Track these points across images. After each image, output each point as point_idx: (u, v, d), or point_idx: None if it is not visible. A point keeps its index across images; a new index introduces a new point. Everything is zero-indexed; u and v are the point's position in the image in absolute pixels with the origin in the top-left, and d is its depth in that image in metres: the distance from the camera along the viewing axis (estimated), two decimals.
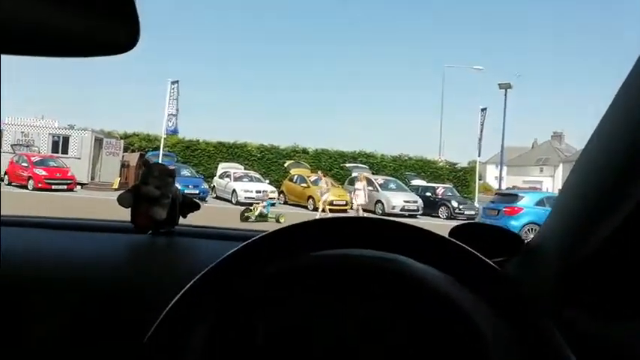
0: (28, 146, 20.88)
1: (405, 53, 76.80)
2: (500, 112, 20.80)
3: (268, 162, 25.57)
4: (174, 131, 21.00)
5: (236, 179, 19.27)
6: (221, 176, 20.35)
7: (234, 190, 18.45)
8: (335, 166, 26.11)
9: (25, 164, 18.53)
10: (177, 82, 20.24)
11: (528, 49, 76.88)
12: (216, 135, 27.75)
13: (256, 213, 11.80)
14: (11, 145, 20.71)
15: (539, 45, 79.00)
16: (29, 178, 18.05)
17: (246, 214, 11.49)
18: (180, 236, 1.11)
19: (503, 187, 24.51)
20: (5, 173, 18.92)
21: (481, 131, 22.15)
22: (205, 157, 25.10)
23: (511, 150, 49.89)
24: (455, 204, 19.23)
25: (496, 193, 15.82)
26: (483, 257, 0.57)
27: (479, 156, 23.32)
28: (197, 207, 1.17)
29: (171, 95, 19.96)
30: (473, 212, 19.38)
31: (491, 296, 0.54)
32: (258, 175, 20.89)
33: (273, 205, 14.23)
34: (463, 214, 18.90)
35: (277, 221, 12.27)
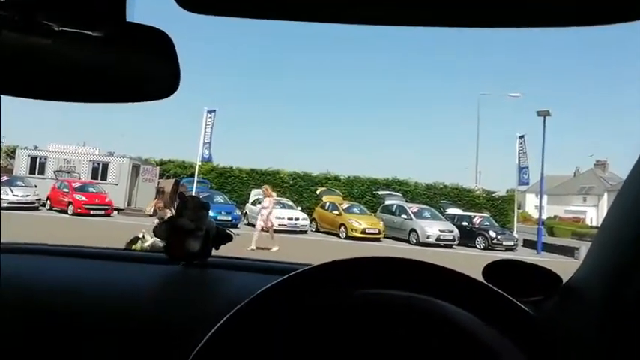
0: (69, 173, 21.71)
1: (439, 81, 76.49)
2: (540, 139, 20.08)
3: (300, 189, 25.55)
4: (209, 159, 21.35)
5: None
6: (253, 203, 20.39)
7: None
8: (367, 193, 25.83)
9: (66, 190, 19.22)
10: (214, 111, 20.66)
11: (569, 76, 75.11)
12: (249, 162, 28.13)
13: (146, 244, 9.02)
14: (54, 172, 21.61)
15: (581, 71, 77.15)
16: (69, 203, 18.66)
17: (133, 246, 8.66)
18: (213, 268, 1.12)
19: (544, 216, 23.50)
20: (48, 198, 19.64)
21: (519, 159, 21.46)
22: (238, 183, 25.37)
23: (552, 179, 48.22)
24: (493, 234, 18.60)
25: None
26: (513, 299, 0.57)
27: (518, 185, 22.49)
28: (229, 239, 1.19)
29: (207, 124, 20.38)
30: (512, 243, 18.73)
31: (520, 339, 0.54)
32: (290, 203, 20.82)
33: None
34: (501, 244, 18.26)
35: None
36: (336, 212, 19.09)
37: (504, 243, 18.34)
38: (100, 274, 1.06)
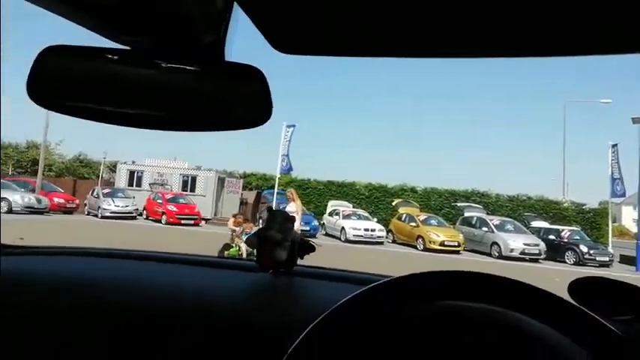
0: (162, 185, 23.47)
1: (523, 86, 72.86)
2: (636, 147, 18.55)
3: (376, 200, 25.61)
4: (288, 171, 22.10)
5: (344, 217, 19.58)
6: (330, 214, 20.81)
7: (342, 228, 18.72)
8: (446, 205, 25.27)
9: (159, 201, 20.82)
10: (293, 125, 21.38)
11: None
12: (326, 174, 28.62)
13: (243, 253, 8.97)
14: (149, 184, 23.51)
15: None
16: (163, 213, 20.20)
17: (226, 253, 9.03)
18: (298, 276, 1.19)
19: None
20: (144, 209, 21.45)
21: (612, 169, 19.94)
22: (316, 195, 25.95)
23: None
24: (584, 249, 17.32)
25: None
26: (598, 318, 0.57)
27: (611, 197, 20.87)
28: (313, 249, 1.25)
29: (286, 137, 21.15)
30: (606, 258, 17.34)
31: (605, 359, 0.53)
32: (366, 214, 20.98)
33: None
34: (594, 260, 16.97)
35: None
36: (413, 224, 18.91)
37: (598, 259, 17.04)
38: (196, 280, 1.15)
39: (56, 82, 0.66)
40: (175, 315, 0.95)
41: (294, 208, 11.65)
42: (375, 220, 20.77)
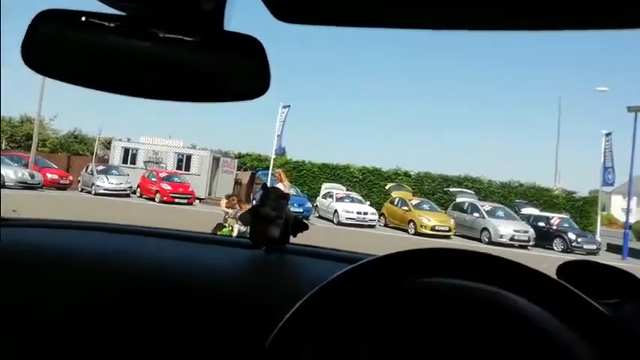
0: (157, 163, 23.41)
1: (518, 72, 72.51)
2: (627, 137, 18.72)
3: (370, 184, 25.75)
4: (282, 151, 22.14)
5: (338, 200, 19.73)
6: (324, 196, 20.95)
7: (335, 211, 18.89)
8: (438, 190, 25.48)
9: (154, 179, 20.83)
10: (288, 106, 21.34)
11: None
12: (321, 157, 28.60)
13: (235, 233, 8.94)
14: (144, 162, 23.45)
15: None
16: (157, 191, 20.23)
17: (218, 232, 8.98)
18: (290, 254, 1.19)
19: (632, 220, 21.81)
20: (138, 186, 21.47)
21: (604, 158, 20.14)
22: (310, 177, 26.05)
23: None
24: (572, 236, 17.64)
25: None
26: (588, 299, 0.56)
27: (602, 185, 21.09)
28: (306, 228, 1.26)
29: (281, 118, 21.13)
30: (594, 247, 17.66)
31: (595, 339, 0.53)
32: (359, 197, 21.12)
33: None
34: (582, 247, 17.27)
35: None
36: (406, 208, 19.11)
37: (585, 246, 17.35)
38: (190, 255, 1.16)
39: (51, 47, 0.65)
40: (168, 289, 0.96)
41: (281, 188, 11.73)
42: (368, 203, 20.95)
